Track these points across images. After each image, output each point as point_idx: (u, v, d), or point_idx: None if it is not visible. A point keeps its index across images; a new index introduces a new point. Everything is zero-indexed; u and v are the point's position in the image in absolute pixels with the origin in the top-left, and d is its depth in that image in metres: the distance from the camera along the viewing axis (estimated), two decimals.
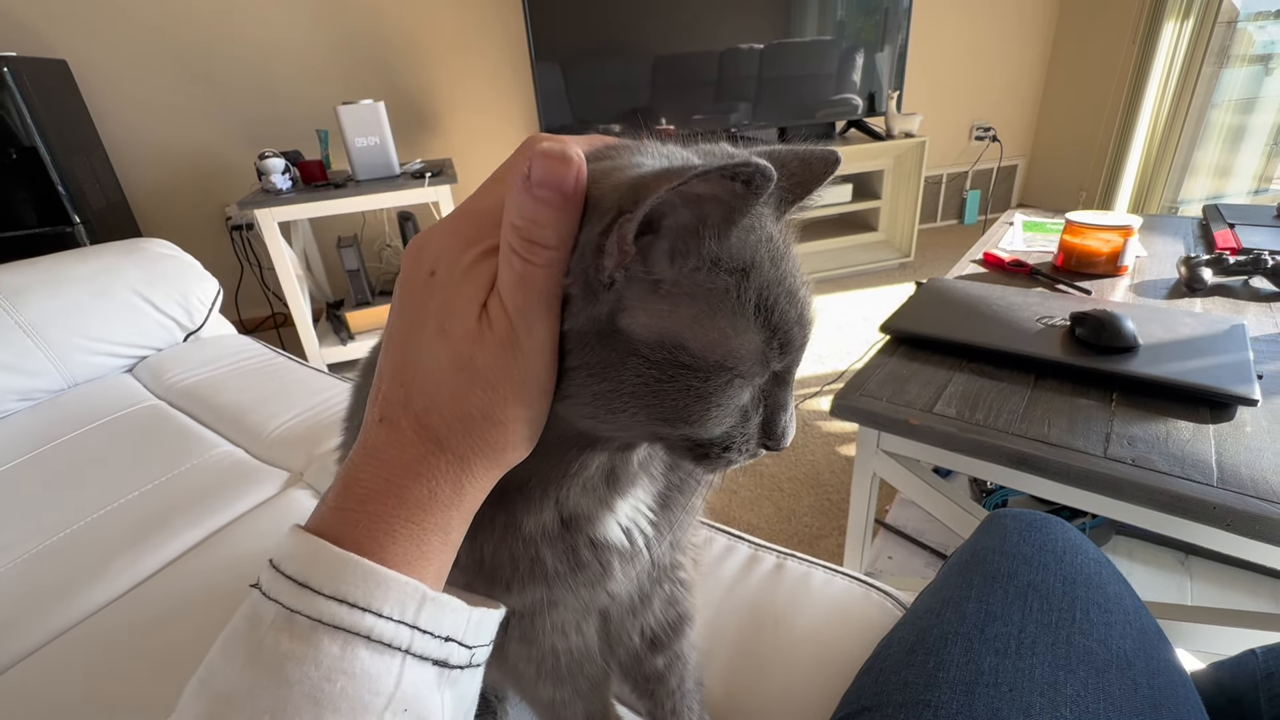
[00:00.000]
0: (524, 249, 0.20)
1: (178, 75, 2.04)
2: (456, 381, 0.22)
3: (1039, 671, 0.35)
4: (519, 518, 0.26)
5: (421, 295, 0.22)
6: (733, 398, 0.23)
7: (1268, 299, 1.01)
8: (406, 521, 0.22)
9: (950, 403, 0.79)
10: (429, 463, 0.22)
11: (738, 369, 0.22)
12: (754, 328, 0.22)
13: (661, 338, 0.21)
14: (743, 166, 0.18)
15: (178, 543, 0.65)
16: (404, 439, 0.22)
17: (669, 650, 0.39)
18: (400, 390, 0.22)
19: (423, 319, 0.22)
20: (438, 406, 0.22)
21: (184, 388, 0.98)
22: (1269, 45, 2.41)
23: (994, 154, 3.07)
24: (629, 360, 0.21)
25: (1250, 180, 2.66)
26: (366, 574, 0.20)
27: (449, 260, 0.22)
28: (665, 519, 0.32)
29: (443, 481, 0.22)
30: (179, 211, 2.19)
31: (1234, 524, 0.60)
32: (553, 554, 0.28)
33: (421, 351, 0.22)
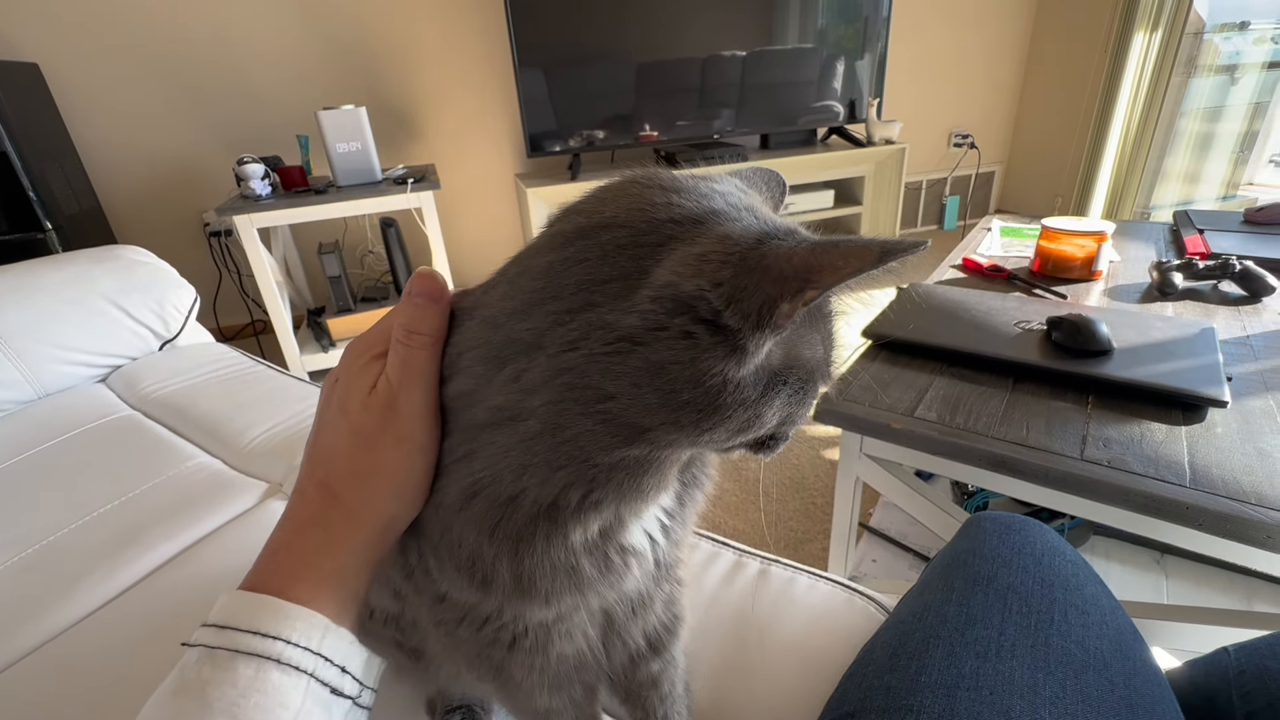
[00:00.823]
0: (405, 337, 0.27)
1: (153, 79, 2.01)
2: (351, 445, 0.28)
3: (1019, 674, 0.35)
4: (569, 530, 0.27)
5: (328, 397, 0.30)
6: (817, 395, 0.27)
7: (1236, 303, 1.04)
8: (307, 565, 0.27)
9: (931, 407, 0.79)
10: (324, 514, 0.28)
11: (824, 371, 0.26)
12: (823, 337, 0.26)
13: (789, 361, 0.25)
14: (916, 246, 0.20)
15: (151, 557, 0.64)
16: (308, 499, 0.29)
17: (665, 653, 0.39)
18: (308, 465, 0.30)
19: (329, 410, 0.30)
20: (336, 468, 0.28)
21: (159, 397, 0.96)
22: (1234, 56, 2.48)
23: (972, 160, 3.12)
24: (777, 387, 0.24)
25: (1219, 187, 2.74)
26: (276, 609, 0.26)
27: (346, 366, 0.30)
28: (679, 517, 0.33)
29: (337, 526, 0.28)
30: (155, 218, 2.15)
31: (1206, 524, 0.61)
32: (589, 562, 0.28)
33: (326, 432, 0.29)
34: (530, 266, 0.25)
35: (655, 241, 0.23)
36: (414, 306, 0.27)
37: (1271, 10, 2.44)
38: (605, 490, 0.25)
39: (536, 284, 0.24)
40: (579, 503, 0.26)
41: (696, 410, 0.23)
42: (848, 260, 0.20)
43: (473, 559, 0.27)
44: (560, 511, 0.26)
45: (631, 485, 0.26)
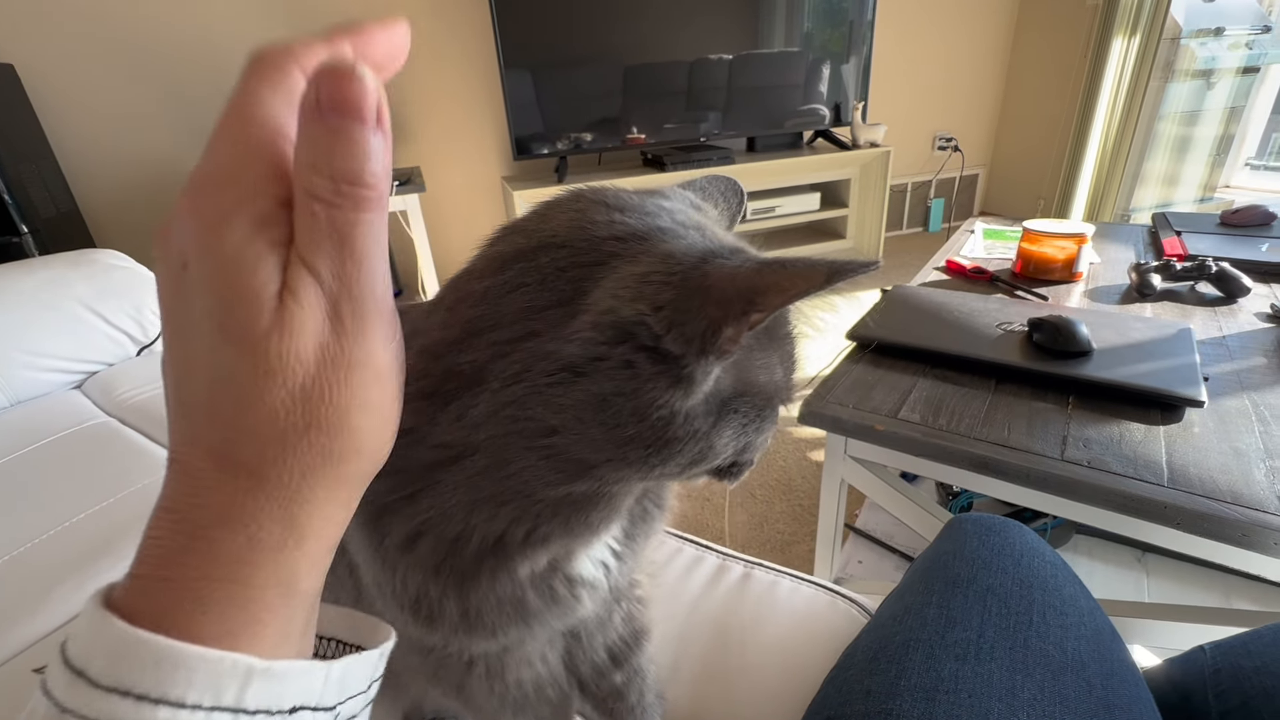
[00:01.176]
0: (330, 192, 0.16)
1: (133, 81, 1.98)
2: (261, 391, 0.16)
3: (997, 676, 0.35)
4: (515, 565, 0.26)
5: (181, 297, 0.17)
6: (776, 421, 0.26)
7: (1213, 303, 1.05)
8: (222, 581, 0.17)
9: (914, 408, 0.80)
10: (242, 504, 0.17)
11: (782, 396, 0.25)
12: (782, 360, 0.25)
13: (741, 388, 0.23)
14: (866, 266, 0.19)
15: (123, 567, 0.61)
16: (204, 482, 0.17)
17: (628, 665, 0.39)
18: (184, 422, 0.17)
19: (191, 327, 0.17)
20: (242, 431, 0.17)
21: (136, 403, 0.94)
22: (1210, 61, 2.53)
23: (956, 163, 3.15)
24: (729, 417, 0.23)
25: (1196, 189, 2.79)
26: (160, 656, 0.15)
27: (202, 243, 0.16)
28: (629, 546, 0.32)
29: (266, 521, 0.17)
30: (136, 221, 2.12)
31: (1183, 523, 0.62)
32: (535, 594, 0.27)
33: (201, 369, 0.17)
34: (468, 292, 0.23)
35: (595, 261, 0.21)
36: (333, 132, 0.16)
37: (1245, 16, 2.49)
38: (551, 526, 0.25)
39: (475, 311, 0.22)
40: (525, 538, 0.25)
41: (644, 446, 0.21)
42: (794, 282, 0.19)
43: (418, 598, 0.26)
44: (506, 547, 0.25)
45: (580, 521, 0.25)
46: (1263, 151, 2.84)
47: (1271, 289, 1.08)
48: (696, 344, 0.20)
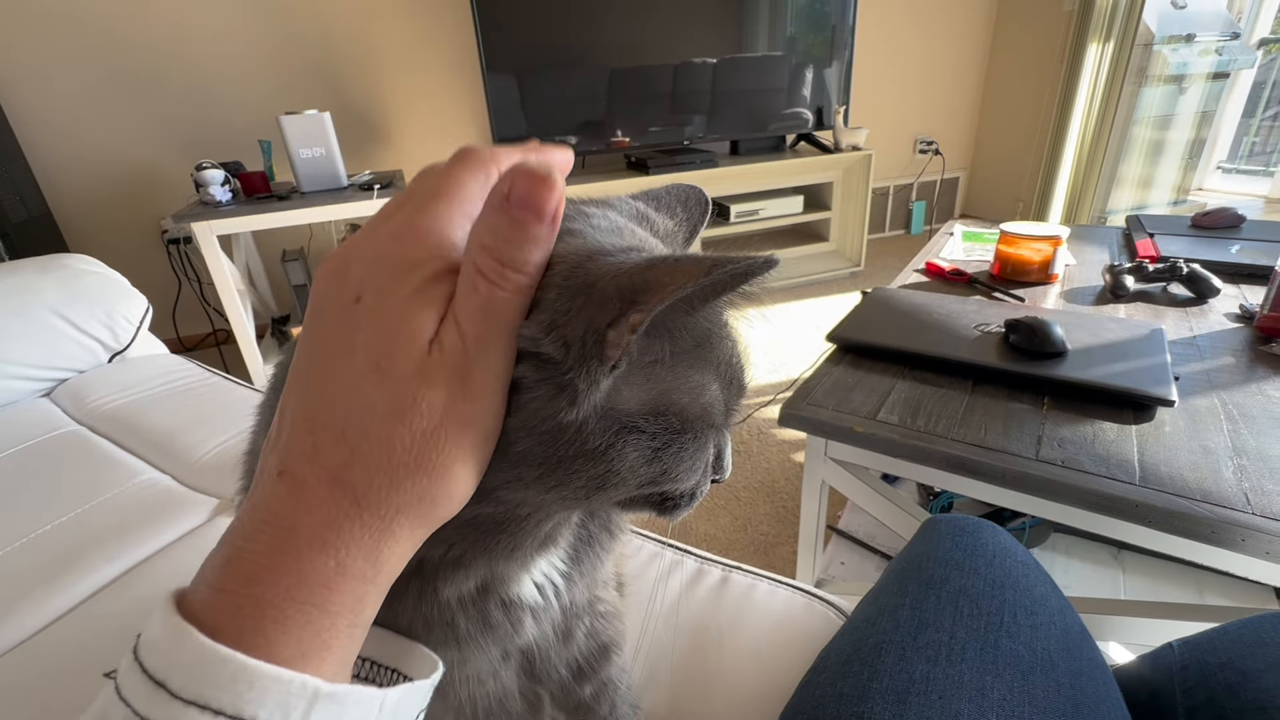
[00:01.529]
0: (495, 273, 0.18)
1: (108, 82, 1.95)
2: (391, 427, 0.18)
3: (968, 677, 0.35)
4: (438, 586, 0.25)
5: (346, 325, 0.19)
6: (708, 448, 0.24)
7: (1184, 304, 1.07)
8: (304, 604, 0.18)
9: (893, 410, 0.80)
10: (340, 528, 0.18)
11: (714, 420, 0.23)
12: (718, 380, 0.23)
13: (652, 408, 0.21)
14: (761, 265, 0.18)
15: (91, 580, 0.61)
16: (310, 499, 0.18)
17: (596, 678, 0.39)
18: (309, 438, 0.19)
19: (347, 354, 0.19)
20: (363, 457, 0.18)
21: (107, 412, 0.92)
22: (1181, 66, 2.58)
23: (937, 167, 3.19)
24: (627, 437, 0.21)
25: (1170, 192, 2.84)
26: (238, 673, 0.17)
27: (384, 285, 0.19)
28: (577, 569, 0.31)
29: (356, 550, 0.19)
30: (110, 225, 2.08)
31: (1155, 521, 0.63)
32: (465, 618, 0.27)
33: (345, 392, 0.19)
34: None
35: None
36: (512, 223, 0.18)
37: (1215, 23, 2.55)
38: (464, 548, 0.24)
39: None
40: (441, 559, 0.24)
41: (535, 464, 0.20)
42: (674, 276, 0.18)
43: None
44: (425, 568, 0.24)
45: (493, 544, 0.24)
46: (1234, 155, 2.90)
47: (1240, 290, 1.10)
48: (577, 348, 0.19)
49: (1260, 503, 0.61)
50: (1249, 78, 2.71)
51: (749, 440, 1.55)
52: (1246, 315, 0.99)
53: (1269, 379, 0.82)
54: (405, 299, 0.19)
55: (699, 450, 0.23)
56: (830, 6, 2.45)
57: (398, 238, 0.20)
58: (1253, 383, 0.81)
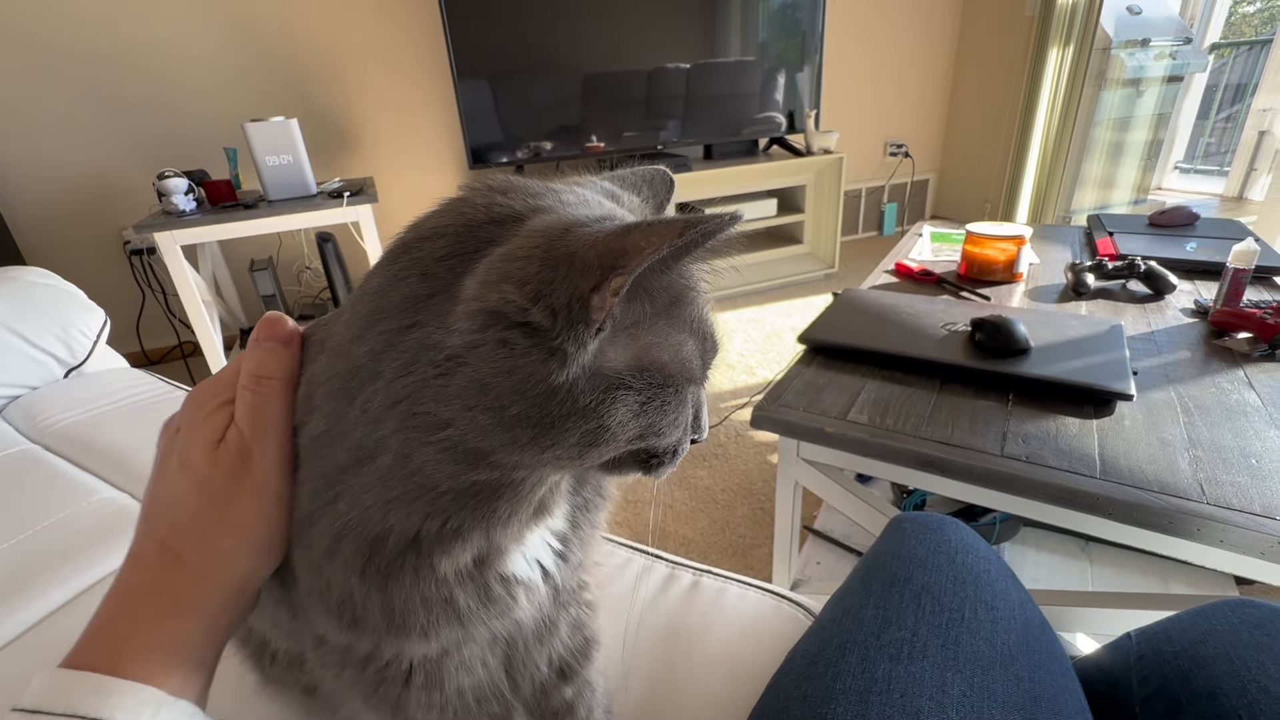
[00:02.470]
0: (253, 384, 0.26)
1: (65, 88, 1.89)
2: (197, 501, 0.26)
3: (929, 675, 0.35)
4: (434, 561, 0.25)
5: (166, 448, 0.28)
6: (688, 403, 0.26)
7: (1142, 300, 1.10)
8: (146, 635, 0.25)
9: (863, 409, 0.81)
10: (167, 579, 0.26)
11: (692, 374, 0.25)
12: (694, 337, 0.25)
13: (635, 365, 0.23)
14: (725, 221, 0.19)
15: (39, 605, 0.59)
16: (145, 563, 0.26)
17: (579, 678, 0.38)
18: (145, 525, 0.27)
19: (166, 463, 0.28)
20: (179, 527, 0.26)
21: (61, 429, 0.89)
22: (1138, 70, 2.66)
23: (907, 169, 3.24)
24: (616, 394, 0.22)
25: (1130, 191, 2.93)
26: (97, 687, 0.23)
27: (188, 417, 0.28)
28: (569, 546, 0.32)
29: (184, 593, 0.26)
30: (69, 236, 2.02)
31: (1115, 513, 0.64)
32: (464, 593, 0.27)
33: (164, 487, 0.27)
34: (366, 288, 0.24)
35: (472, 249, 0.22)
36: (262, 351, 0.27)
37: (1168, 28, 2.64)
38: (462, 518, 0.24)
39: (369, 305, 0.24)
40: (438, 533, 0.25)
41: (531, 425, 0.21)
42: (649, 239, 0.19)
43: (343, 601, 0.26)
44: (423, 544, 0.25)
45: (490, 512, 0.25)
46: (1190, 155, 3.00)
47: (1195, 285, 1.14)
48: (564, 315, 0.20)
49: (1214, 493, 0.63)
50: (1202, 81, 2.80)
51: (726, 443, 1.56)
52: (1201, 311, 1.02)
53: (1222, 372, 0.84)
54: (200, 421, 0.27)
55: (681, 404, 0.25)
56: (801, 13, 2.49)
57: (199, 392, 0.29)
58: (1207, 376, 0.84)
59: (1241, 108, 2.77)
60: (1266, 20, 2.76)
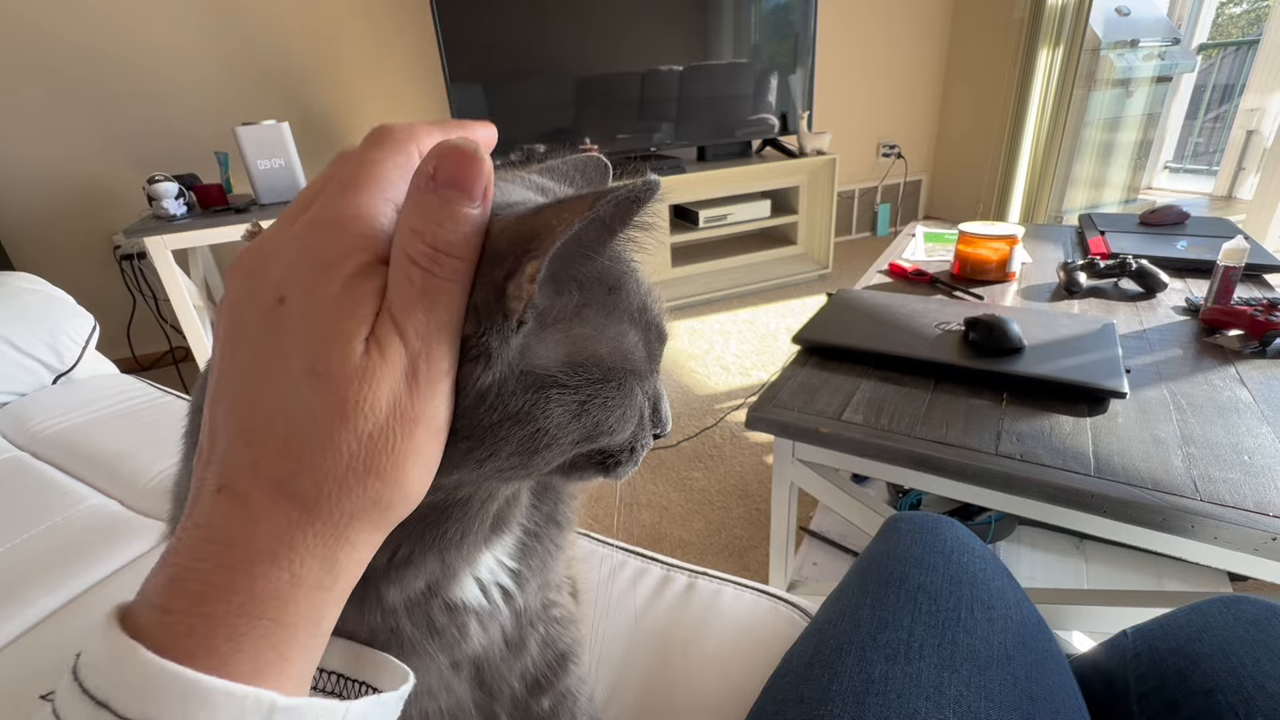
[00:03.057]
0: (428, 259, 0.18)
1: (54, 94, 1.88)
2: (337, 431, 0.17)
3: (925, 675, 0.35)
4: (381, 590, 0.24)
5: (270, 329, 0.18)
6: (637, 397, 0.24)
7: (1134, 299, 1.11)
8: (259, 619, 0.17)
9: (858, 409, 0.81)
10: (291, 539, 0.18)
11: (636, 367, 0.23)
12: (636, 329, 0.23)
13: (570, 361, 0.21)
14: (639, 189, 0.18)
15: (27, 614, 0.58)
16: (257, 513, 0.17)
17: (554, 690, 0.38)
18: (246, 451, 0.18)
19: (278, 359, 0.18)
20: (309, 465, 0.17)
21: (50, 435, 0.88)
22: (1127, 71, 2.69)
23: (900, 170, 3.26)
24: (550, 394, 0.20)
25: (1121, 191, 2.95)
26: (188, 690, 0.16)
27: (308, 283, 0.18)
28: (526, 565, 0.31)
29: (310, 559, 0.18)
30: (59, 241, 2.00)
31: (1109, 510, 0.64)
32: (410, 623, 0.26)
33: (281, 400, 0.18)
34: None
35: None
36: (442, 203, 0.18)
37: (1157, 29, 2.66)
38: (412, 545, 0.24)
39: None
40: (387, 564, 0.24)
41: (463, 437, 0.20)
42: (560, 216, 0.18)
43: None
44: (371, 576, 0.23)
45: (440, 535, 0.24)
46: (1179, 155, 3.02)
47: (1186, 284, 1.15)
48: (482, 309, 0.19)
49: (1208, 489, 0.63)
50: (1190, 81, 2.83)
51: (721, 444, 1.56)
52: (1192, 308, 1.03)
53: (1214, 369, 0.85)
54: (335, 297, 0.17)
55: (626, 399, 0.23)
56: (793, 15, 2.49)
57: (318, 230, 0.18)
58: (1199, 373, 0.84)
59: (1229, 108, 2.80)
60: (1253, 21, 2.79)
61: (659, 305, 0.25)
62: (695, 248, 2.61)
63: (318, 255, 0.18)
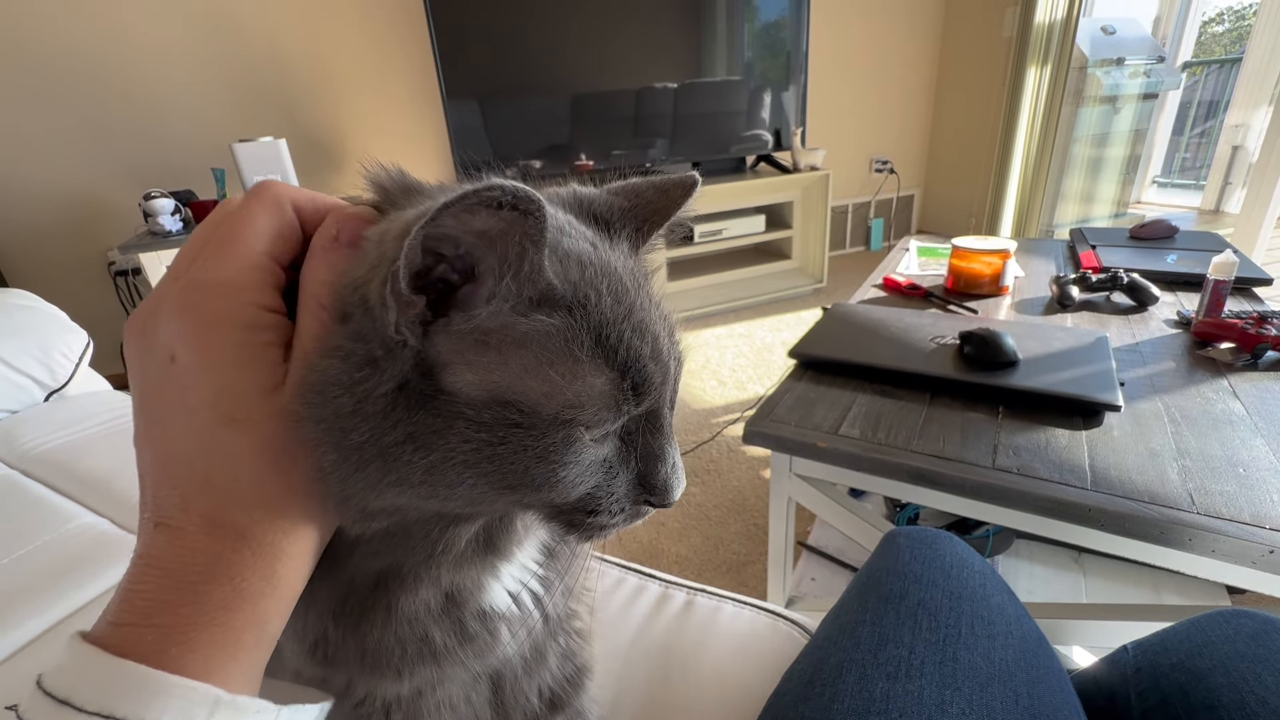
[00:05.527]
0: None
1: (50, 111, 1.88)
2: (260, 467, 0.20)
3: (927, 692, 0.35)
4: (395, 600, 0.25)
5: (170, 387, 0.20)
6: (581, 454, 0.21)
7: (1126, 312, 1.12)
8: (208, 626, 0.19)
9: (855, 424, 0.81)
10: (229, 560, 0.20)
11: (578, 419, 0.20)
12: (595, 370, 0.20)
13: (490, 395, 0.19)
14: (489, 191, 0.16)
15: (14, 638, 0.57)
16: (192, 543, 0.20)
17: (569, 708, 0.37)
18: (174, 493, 0.20)
19: (185, 413, 0.20)
20: (236, 498, 0.20)
21: (41, 453, 0.87)
22: (1114, 88, 2.73)
23: (893, 185, 3.29)
24: (455, 424, 0.19)
25: (1111, 205, 2.99)
26: (143, 683, 0.18)
27: (197, 342, 0.20)
28: (554, 569, 0.31)
29: (249, 574, 0.20)
30: (53, 258, 2.00)
31: (1107, 524, 0.64)
32: (440, 630, 0.26)
33: (198, 446, 0.20)
34: None
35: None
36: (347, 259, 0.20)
37: (1142, 48, 2.71)
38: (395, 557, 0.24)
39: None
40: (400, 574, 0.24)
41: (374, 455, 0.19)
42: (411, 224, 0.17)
43: (317, 642, 0.25)
44: (389, 583, 0.24)
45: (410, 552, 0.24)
46: (1167, 169, 3.07)
47: (1178, 297, 1.16)
48: (376, 312, 0.18)
49: (1204, 502, 0.63)
50: (1176, 98, 2.88)
51: (718, 459, 1.55)
52: (1184, 321, 1.04)
53: (1206, 381, 0.85)
54: (231, 353, 0.20)
55: (562, 454, 0.20)
56: (785, 33, 2.53)
57: (199, 291, 0.20)
58: (1192, 385, 0.85)
59: (1215, 123, 2.85)
60: (1235, 40, 2.85)
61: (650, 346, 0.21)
62: (690, 262, 2.63)
63: (202, 315, 0.20)
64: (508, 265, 0.18)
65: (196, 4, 1.96)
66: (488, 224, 0.17)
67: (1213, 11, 2.83)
